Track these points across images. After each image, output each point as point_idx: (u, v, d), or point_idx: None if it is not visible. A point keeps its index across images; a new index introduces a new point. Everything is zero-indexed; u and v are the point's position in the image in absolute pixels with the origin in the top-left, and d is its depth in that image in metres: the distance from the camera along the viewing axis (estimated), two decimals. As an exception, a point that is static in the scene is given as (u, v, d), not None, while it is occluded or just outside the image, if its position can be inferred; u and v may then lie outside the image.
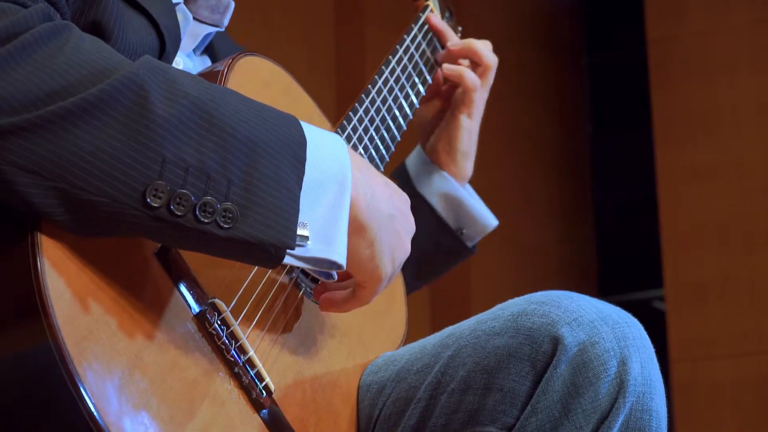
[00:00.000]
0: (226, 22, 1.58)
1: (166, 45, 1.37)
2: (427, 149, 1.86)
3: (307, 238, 1.16)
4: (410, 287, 1.83)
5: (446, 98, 1.87)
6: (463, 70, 1.82)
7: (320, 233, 1.18)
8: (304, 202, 1.16)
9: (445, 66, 1.82)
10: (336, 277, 1.29)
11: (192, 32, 1.55)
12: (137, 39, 1.31)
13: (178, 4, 1.47)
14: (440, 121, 1.86)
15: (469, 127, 1.84)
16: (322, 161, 1.20)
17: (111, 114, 1.09)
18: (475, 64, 1.85)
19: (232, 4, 1.58)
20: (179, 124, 1.11)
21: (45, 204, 1.08)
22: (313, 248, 1.18)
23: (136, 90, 1.10)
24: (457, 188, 1.83)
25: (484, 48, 1.86)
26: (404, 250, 1.32)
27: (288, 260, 1.17)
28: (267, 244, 1.13)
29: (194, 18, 1.54)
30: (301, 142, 1.18)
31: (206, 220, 1.11)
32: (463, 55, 1.85)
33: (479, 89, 1.83)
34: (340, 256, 1.20)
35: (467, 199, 1.84)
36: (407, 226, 1.33)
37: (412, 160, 1.88)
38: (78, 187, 1.08)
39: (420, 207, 1.81)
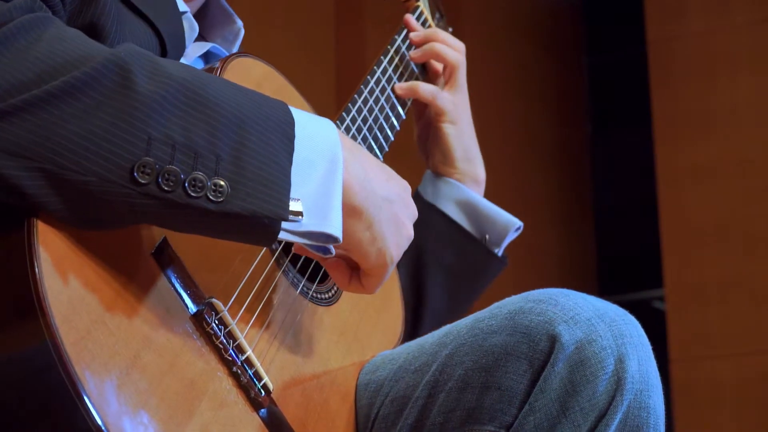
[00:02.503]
0: (234, 50, 1.61)
1: (167, 51, 1.37)
2: (430, 167, 1.83)
3: (300, 213, 1.16)
4: (443, 313, 1.78)
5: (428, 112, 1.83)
6: (414, 85, 1.76)
7: (314, 208, 1.18)
8: (296, 179, 1.16)
9: (397, 86, 1.75)
10: (333, 252, 1.28)
11: (198, 44, 1.56)
12: (136, 42, 1.31)
13: (185, 13, 1.47)
14: (425, 131, 1.83)
15: (456, 133, 1.79)
16: (312, 140, 1.19)
17: (94, 95, 1.09)
18: (444, 66, 1.81)
19: (243, 32, 1.60)
20: (164, 101, 1.11)
21: (32, 186, 1.08)
22: (308, 223, 1.17)
23: (119, 71, 1.10)
24: (467, 192, 1.79)
25: (446, 49, 1.81)
26: (407, 235, 1.31)
27: (283, 235, 1.16)
28: (260, 215, 1.12)
29: (204, 39, 1.56)
30: (289, 122, 1.18)
31: (196, 195, 1.10)
32: (426, 59, 1.81)
33: (440, 96, 1.78)
34: (335, 229, 1.19)
35: (480, 201, 1.80)
36: (407, 210, 1.32)
37: (422, 181, 1.83)
38: (65, 167, 1.07)
39: (432, 216, 1.78)
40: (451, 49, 1.82)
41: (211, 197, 1.11)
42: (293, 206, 1.15)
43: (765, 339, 4.29)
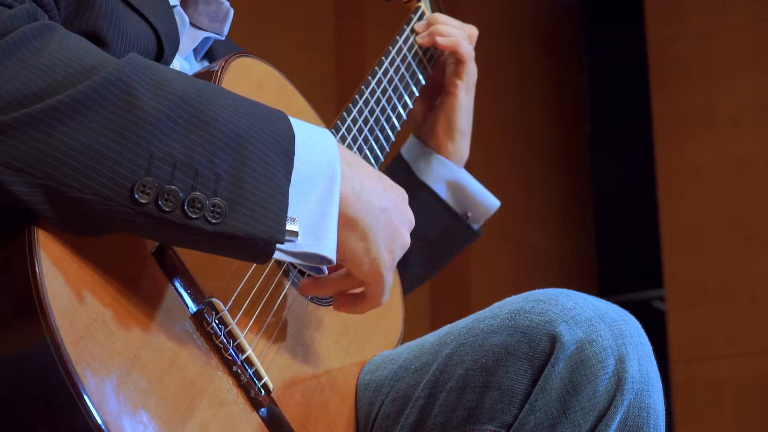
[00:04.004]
0: (226, 30, 1.59)
1: (164, 49, 1.36)
2: (424, 133, 1.86)
3: (296, 233, 1.16)
4: (421, 278, 1.87)
5: (435, 83, 1.86)
6: (458, 39, 1.82)
7: (309, 228, 1.18)
8: (293, 197, 1.16)
9: (440, 39, 1.81)
10: (326, 271, 1.29)
11: (190, 35, 1.55)
12: (135, 43, 1.31)
13: (174, 6, 1.47)
14: (430, 105, 1.86)
15: (466, 104, 1.84)
16: (311, 156, 1.20)
17: (98, 111, 1.09)
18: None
19: (232, 11, 1.58)
20: (166, 119, 1.11)
21: (34, 202, 1.08)
22: (303, 243, 1.18)
23: (123, 86, 1.10)
24: (457, 172, 1.84)
25: (460, 41, 1.83)
26: (402, 243, 1.32)
27: (278, 255, 1.17)
28: (256, 238, 1.13)
29: (194, 26, 1.55)
30: (289, 137, 1.18)
31: (194, 216, 1.11)
32: (432, 44, 1.83)
33: (472, 61, 1.83)
34: (329, 251, 1.20)
35: (468, 182, 1.85)
36: (404, 219, 1.32)
37: (408, 148, 1.88)
38: (66, 185, 1.08)
39: (425, 196, 1.82)
40: (462, 40, 1.84)
41: (209, 218, 1.11)
42: (289, 227, 1.16)
43: (765, 339, 4.29)
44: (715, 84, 4.54)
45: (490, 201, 1.87)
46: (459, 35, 1.83)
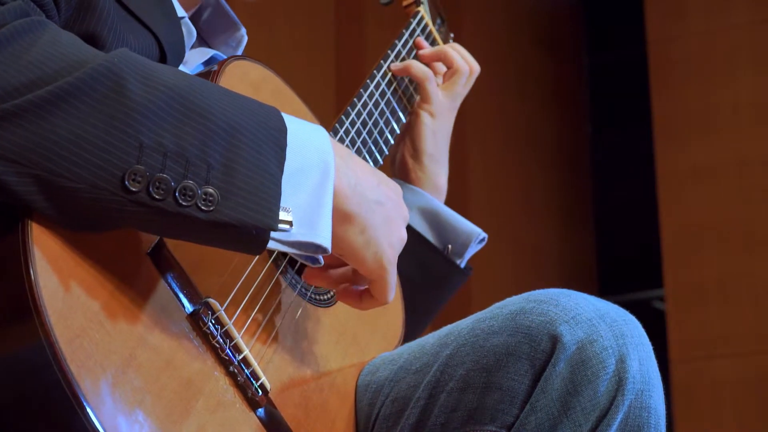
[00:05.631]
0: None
1: (166, 59, 1.37)
2: (396, 163, 1.79)
3: (290, 222, 1.16)
4: (409, 322, 1.68)
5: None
6: (409, 62, 1.75)
7: (303, 217, 1.18)
8: (286, 189, 1.16)
9: (393, 64, 1.74)
10: (322, 261, 1.29)
11: (200, 51, 1.56)
12: (134, 50, 1.31)
13: (182, 18, 1.47)
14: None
15: (432, 127, 1.76)
16: (304, 149, 1.19)
17: (87, 101, 1.09)
18: (448, 68, 1.81)
19: (246, 39, 1.60)
20: (157, 109, 1.10)
21: (25, 192, 1.08)
22: (297, 232, 1.17)
23: (112, 77, 1.10)
24: (430, 200, 1.75)
25: (456, 54, 1.79)
26: (400, 236, 1.31)
27: (272, 245, 1.16)
28: (249, 225, 1.12)
29: (207, 44, 1.56)
30: (281, 130, 1.17)
31: (186, 204, 1.10)
32: (435, 59, 1.80)
33: (432, 81, 1.76)
34: (324, 239, 1.19)
35: (442, 209, 1.76)
36: (399, 212, 1.31)
37: None
38: (57, 174, 1.07)
39: None
40: (461, 57, 1.81)
41: (201, 206, 1.11)
42: (283, 216, 1.15)
43: (765, 339, 4.29)
44: (715, 84, 4.54)
45: (469, 227, 1.75)
46: (452, 56, 1.77)
